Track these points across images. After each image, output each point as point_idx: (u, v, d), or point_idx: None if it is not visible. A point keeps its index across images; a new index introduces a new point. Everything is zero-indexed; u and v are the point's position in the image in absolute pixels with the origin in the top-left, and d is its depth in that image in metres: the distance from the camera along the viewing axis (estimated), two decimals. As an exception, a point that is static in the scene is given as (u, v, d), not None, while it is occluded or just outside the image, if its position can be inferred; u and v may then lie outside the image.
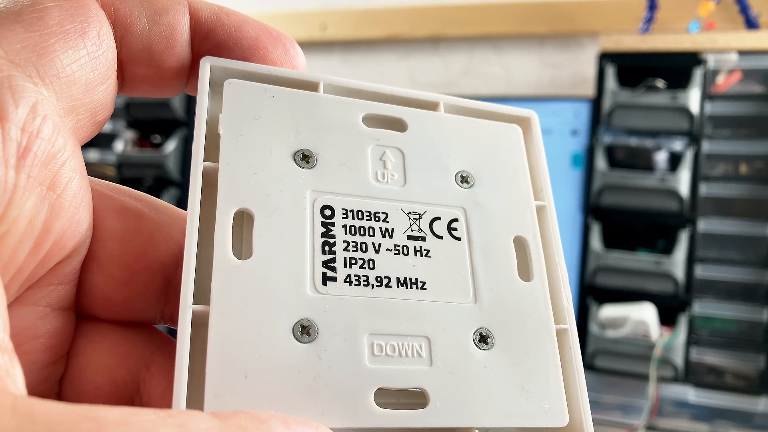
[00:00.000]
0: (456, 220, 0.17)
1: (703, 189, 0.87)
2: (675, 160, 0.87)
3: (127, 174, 1.12)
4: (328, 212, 0.16)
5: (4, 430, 0.09)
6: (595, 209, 0.90)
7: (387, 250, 0.16)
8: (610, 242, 0.90)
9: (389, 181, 0.17)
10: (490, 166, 0.18)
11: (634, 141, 0.88)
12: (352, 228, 0.16)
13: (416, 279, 0.16)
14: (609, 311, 0.86)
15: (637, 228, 0.92)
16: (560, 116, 0.97)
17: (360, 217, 0.17)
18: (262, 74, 0.17)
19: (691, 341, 0.85)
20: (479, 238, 0.17)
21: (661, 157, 0.88)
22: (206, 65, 0.16)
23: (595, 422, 0.16)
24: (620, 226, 0.91)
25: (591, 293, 0.89)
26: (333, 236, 0.16)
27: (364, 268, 0.16)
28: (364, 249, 0.16)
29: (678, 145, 0.86)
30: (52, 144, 0.13)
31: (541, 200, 0.19)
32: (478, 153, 0.19)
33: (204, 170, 0.16)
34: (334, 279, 0.16)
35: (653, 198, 0.87)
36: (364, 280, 0.16)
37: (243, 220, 0.16)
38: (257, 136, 0.16)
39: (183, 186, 1.10)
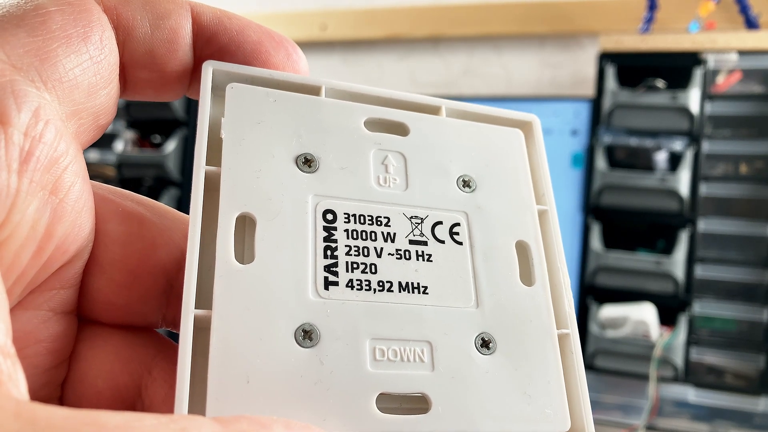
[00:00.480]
0: (458, 224, 0.17)
1: (703, 189, 0.87)
2: (675, 160, 0.87)
3: (127, 174, 1.12)
4: (330, 216, 0.16)
5: None
6: (595, 209, 0.90)
7: (389, 254, 0.16)
8: (610, 242, 0.90)
9: (391, 185, 0.17)
10: (491, 171, 0.18)
11: (634, 141, 0.88)
12: (354, 232, 0.16)
13: (418, 283, 0.16)
14: (609, 311, 0.87)
15: (637, 228, 0.92)
16: (560, 116, 0.97)
17: (362, 221, 0.17)
18: (264, 78, 0.17)
19: (691, 341, 0.85)
20: (481, 243, 0.17)
21: (661, 157, 0.88)
22: (208, 69, 0.16)
23: (595, 422, 0.16)
24: (620, 226, 0.91)
25: (591, 293, 0.89)
26: (335, 241, 0.16)
27: (366, 272, 0.16)
28: (366, 253, 0.16)
29: (678, 145, 0.86)
30: (55, 148, 0.13)
31: (543, 204, 0.19)
32: (479, 157, 0.18)
33: (206, 174, 0.16)
34: (336, 283, 0.15)
35: (653, 198, 0.87)
36: (366, 285, 0.16)
37: (245, 225, 0.16)
38: (259, 140, 0.16)
39: (183, 186, 1.10)
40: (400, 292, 0.16)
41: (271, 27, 0.18)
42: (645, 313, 0.84)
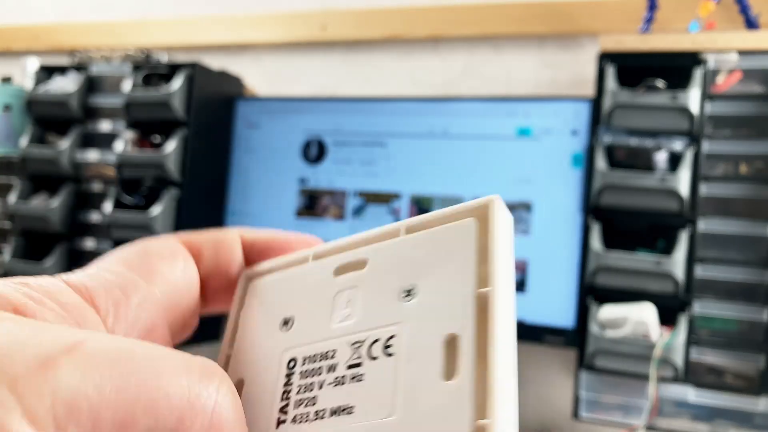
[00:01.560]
0: (392, 336, 0.17)
1: (703, 189, 0.87)
2: (675, 160, 0.87)
3: (127, 174, 1.12)
4: (291, 364, 0.19)
5: None
6: (595, 209, 0.90)
7: (329, 384, 0.18)
8: (610, 242, 0.90)
9: (346, 319, 0.19)
10: (433, 271, 0.18)
11: (634, 141, 0.88)
12: (306, 372, 0.19)
13: (347, 405, 0.17)
14: (609, 311, 0.87)
15: (637, 228, 0.92)
16: (560, 116, 0.97)
17: (314, 360, 0.19)
18: (273, 267, 0.22)
19: (691, 341, 0.85)
20: (408, 347, 0.17)
21: (661, 157, 0.88)
22: (243, 283, 0.22)
23: (595, 422, 0.16)
24: (620, 226, 0.91)
25: (591, 293, 0.89)
26: (291, 384, 0.19)
27: (308, 406, 0.18)
28: (310, 389, 0.18)
29: (678, 145, 0.86)
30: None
31: (486, 286, 0.17)
32: (425, 263, 0.18)
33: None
34: (284, 422, 0.18)
35: (653, 198, 0.87)
36: (305, 418, 0.18)
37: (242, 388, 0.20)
38: (258, 319, 0.21)
39: (183, 186, 1.10)
40: (330, 417, 0.17)
41: (271, 27, 0.18)
42: (645, 313, 0.84)
